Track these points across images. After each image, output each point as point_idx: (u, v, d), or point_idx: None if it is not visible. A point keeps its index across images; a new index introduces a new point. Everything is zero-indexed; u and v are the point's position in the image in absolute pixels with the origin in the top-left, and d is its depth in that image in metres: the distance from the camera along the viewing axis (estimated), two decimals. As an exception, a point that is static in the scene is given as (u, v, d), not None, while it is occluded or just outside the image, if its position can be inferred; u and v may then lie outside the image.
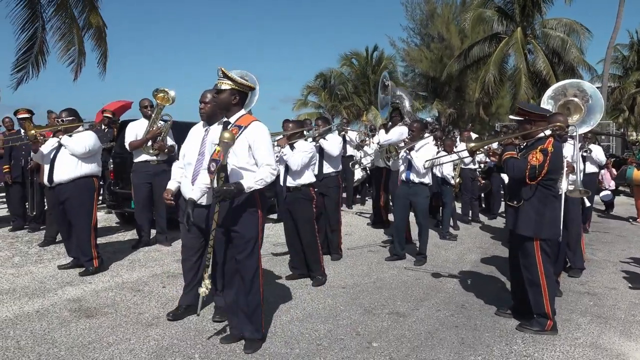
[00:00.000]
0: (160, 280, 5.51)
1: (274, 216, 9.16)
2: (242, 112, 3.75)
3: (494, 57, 22.34)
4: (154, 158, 6.81)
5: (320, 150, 6.68)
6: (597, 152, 9.02)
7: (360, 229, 8.91)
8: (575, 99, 6.28)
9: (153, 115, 6.69)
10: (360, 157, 10.22)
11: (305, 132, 6.45)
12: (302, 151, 5.47)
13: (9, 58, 13.39)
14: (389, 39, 31.53)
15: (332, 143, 6.72)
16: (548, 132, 4.26)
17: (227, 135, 3.36)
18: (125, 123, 8.08)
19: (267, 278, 5.66)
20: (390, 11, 62.09)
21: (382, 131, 8.78)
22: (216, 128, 3.90)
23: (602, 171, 9.10)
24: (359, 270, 6.12)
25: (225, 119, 3.76)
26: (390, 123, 8.64)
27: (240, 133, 3.61)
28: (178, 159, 4.33)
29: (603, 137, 16.80)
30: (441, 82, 28.22)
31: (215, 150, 3.62)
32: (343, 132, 9.08)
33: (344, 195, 11.41)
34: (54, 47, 13.77)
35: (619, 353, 3.90)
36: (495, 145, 5.02)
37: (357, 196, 11.90)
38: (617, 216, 10.86)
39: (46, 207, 7.35)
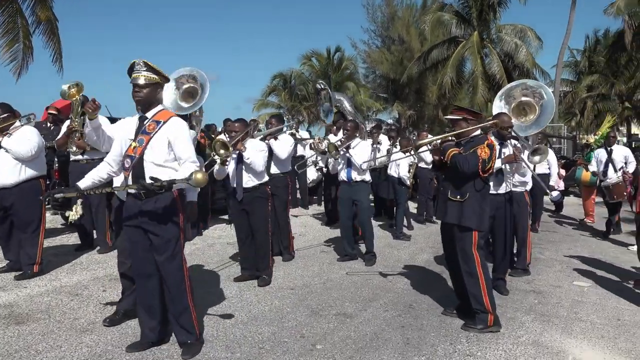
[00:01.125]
0: (101, 283, 5.29)
1: (226, 217, 9.00)
2: (160, 106, 3.61)
3: (451, 60, 22.75)
4: (81, 157, 6.43)
5: (269, 151, 6.57)
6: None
7: (315, 230, 8.84)
8: (526, 98, 6.38)
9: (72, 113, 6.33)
10: (317, 158, 10.14)
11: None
12: (259, 151, 5.39)
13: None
14: (350, 40, 31.65)
15: (282, 144, 6.59)
16: (479, 131, 4.39)
17: (200, 176, 3.19)
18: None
19: (215, 280, 5.54)
20: (352, 13, 62.49)
21: (332, 135, 8.76)
22: (129, 121, 3.70)
23: (554, 171, 9.29)
24: (309, 271, 6.04)
25: (141, 114, 3.59)
26: (335, 127, 8.71)
27: (159, 128, 3.48)
28: None
29: (554, 139, 17.29)
30: (401, 84, 28.50)
31: (130, 145, 3.47)
32: (293, 132, 8.98)
33: (299, 195, 11.38)
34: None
35: (559, 350, 3.95)
36: (439, 142, 5.06)
37: (314, 197, 11.83)
38: (566, 216, 11.15)
39: None
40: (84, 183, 3.65)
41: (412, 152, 4.61)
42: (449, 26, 23.14)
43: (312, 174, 11.13)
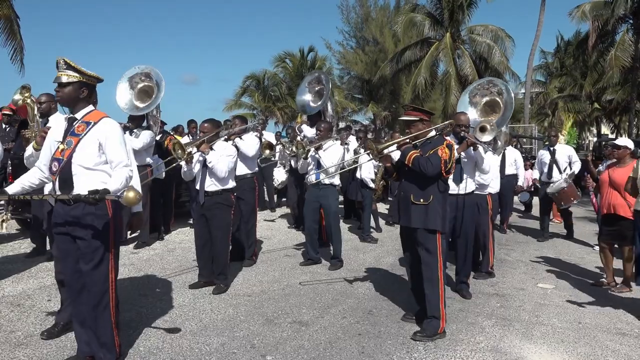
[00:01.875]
0: (47, 292, 5.02)
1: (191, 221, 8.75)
2: (91, 107, 3.41)
3: (424, 61, 22.76)
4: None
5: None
6: (515, 154, 9.22)
7: (281, 232, 8.65)
8: (492, 97, 6.28)
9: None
10: (287, 157, 9.95)
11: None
12: (226, 155, 5.19)
13: None
14: (324, 41, 31.42)
15: (249, 143, 6.44)
16: (433, 132, 4.31)
17: (131, 195, 2.97)
18: (25, 122, 7.43)
19: (169, 287, 5.32)
20: (326, 14, 62.40)
21: (305, 126, 8.55)
22: (57, 119, 3.50)
23: (522, 173, 9.25)
24: (269, 277, 5.86)
25: (70, 115, 3.38)
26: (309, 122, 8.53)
27: (89, 130, 3.28)
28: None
29: (525, 139, 17.40)
30: (376, 85, 28.47)
31: (58, 148, 3.26)
32: (258, 134, 8.80)
33: (266, 197, 11.17)
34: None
35: (518, 357, 3.84)
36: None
37: (283, 199, 11.63)
38: (535, 216, 11.16)
39: None
40: (12, 189, 3.42)
41: (375, 156, 4.45)
42: (422, 27, 23.15)
43: (280, 175, 10.92)
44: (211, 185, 5.18)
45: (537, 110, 33.93)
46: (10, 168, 7.86)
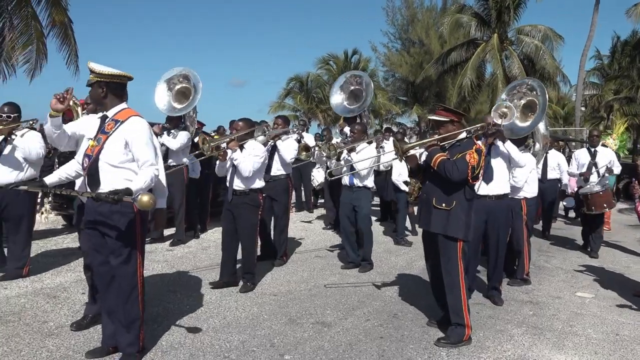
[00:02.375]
0: (82, 286, 5.17)
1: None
2: (123, 105, 3.49)
3: (470, 63, 22.33)
4: None
5: (272, 151, 6.44)
6: (558, 158, 8.88)
7: (315, 233, 8.64)
8: (528, 98, 6.09)
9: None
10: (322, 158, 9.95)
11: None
12: (254, 155, 5.20)
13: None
14: (370, 43, 31.35)
15: (288, 147, 6.50)
16: (464, 134, 4.16)
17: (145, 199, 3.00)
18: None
19: (198, 285, 5.40)
20: (371, 16, 62.05)
21: (348, 127, 8.51)
22: (94, 119, 3.59)
23: (566, 177, 8.87)
24: (297, 277, 5.86)
25: (103, 113, 3.49)
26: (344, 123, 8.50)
27: (117, 128, 3.36)
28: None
29: (574, 143, 16.70)
30: (421, 87, 28.16)
31: (89, 144, 3.37)
32: (298, 136, 8.84)
33: (303, 198, 11.21)
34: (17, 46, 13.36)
35: (545, 367, 3.69)
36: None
37: (320, 200, 11.63)
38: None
39: None
40: (50, 179, 3.58)
41: (400, 156, 4.30)
42: (468, 28, 22.70)
43: (319, 176, 10.93)
44: (238, 184, 5.23)
45: (590, 114, 32.58)
46: (57, 166, 8.20)
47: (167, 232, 7.56)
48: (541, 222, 9.01)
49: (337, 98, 8.75)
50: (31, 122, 6.75)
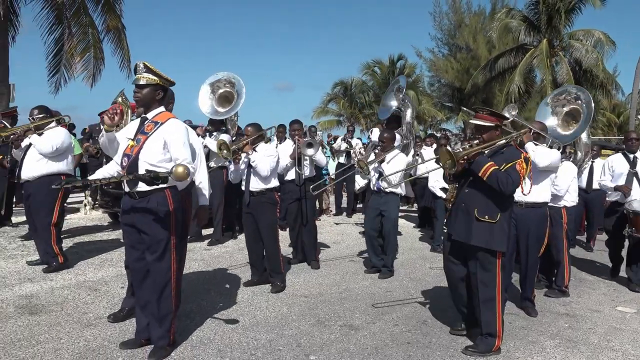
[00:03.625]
0: (122, 280, 5.39)
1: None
2: (162, 108, 3.65)
3: (519, 69, 21.74)
4: None
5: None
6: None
7: (351, 238, 8.66)
8: (571, 106, 5.97)
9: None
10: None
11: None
12: (268, 156, 5.36)
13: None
14: (415, 49, 31.00)
15: (323, 154, 6.71)
16: (504, 140, 3.99)
17: (180, 170, 3.14)
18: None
19: (232, 283, 5.53)
20: (417, 21, 61.31)
21: (376, 129, 8.51)
22: (134, 122, 3.78)
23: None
24: (330, 280, 5.91)
25: (143, 115, 3.64)
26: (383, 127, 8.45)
27: (156, 129, 3.51)
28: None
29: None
30: (467, 93, 27.66)
31: (128, 144, 3.52)
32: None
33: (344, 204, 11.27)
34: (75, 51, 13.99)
35: (575, 381, 3.59)
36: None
37: (359, 205, 11.62)
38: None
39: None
40: (94, 177, 3.82)
41: (456, 166, 3.99)
42: (517, 33, 22.15)
43: (361, 180, 10.93)
44: (256, 185, 5.36)
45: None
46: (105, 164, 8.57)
47: (206, 232, 7.77)
48: (585, 234, 8.71)
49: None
50: (61, 119, 6.99)
